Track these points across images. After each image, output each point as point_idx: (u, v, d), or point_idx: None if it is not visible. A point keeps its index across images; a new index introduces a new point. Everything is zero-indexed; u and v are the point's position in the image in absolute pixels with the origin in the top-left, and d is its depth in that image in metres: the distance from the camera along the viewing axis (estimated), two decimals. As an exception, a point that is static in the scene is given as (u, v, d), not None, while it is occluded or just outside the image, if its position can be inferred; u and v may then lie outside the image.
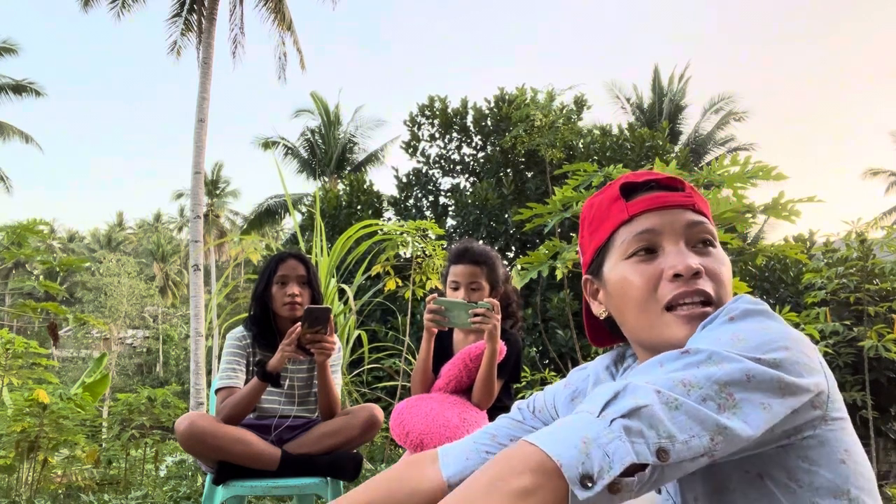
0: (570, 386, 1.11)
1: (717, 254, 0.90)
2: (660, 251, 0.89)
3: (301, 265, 2.35)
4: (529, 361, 7.83)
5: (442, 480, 1.12)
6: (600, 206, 0.97)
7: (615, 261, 0.93)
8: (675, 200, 0.91)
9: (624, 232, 0.92)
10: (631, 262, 0.90)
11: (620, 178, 0.97)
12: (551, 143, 7.90)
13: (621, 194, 0.94)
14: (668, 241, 0.89)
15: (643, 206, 0.91)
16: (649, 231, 0.89)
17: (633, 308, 0.90)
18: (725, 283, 0.88)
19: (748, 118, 21.53)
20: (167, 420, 4.92)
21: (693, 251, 0.89)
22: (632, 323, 0.92)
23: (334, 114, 22.98)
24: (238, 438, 2.10)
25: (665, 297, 0.87)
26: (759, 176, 3.05)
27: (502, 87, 10.19)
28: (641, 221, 0.90)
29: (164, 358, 29.27)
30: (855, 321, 6.42)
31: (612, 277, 0.93)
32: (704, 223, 0.90)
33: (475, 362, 2.10)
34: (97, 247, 40.75)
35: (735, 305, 0.81)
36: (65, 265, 4.63)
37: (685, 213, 0.90)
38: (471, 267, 2.17)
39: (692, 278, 0.86)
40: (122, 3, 12.53)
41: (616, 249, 0.92)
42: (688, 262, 0.86)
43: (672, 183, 0.94)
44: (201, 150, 10.25)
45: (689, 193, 0.92)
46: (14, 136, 22.96)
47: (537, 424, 1.13)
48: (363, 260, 6.07)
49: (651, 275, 0.88)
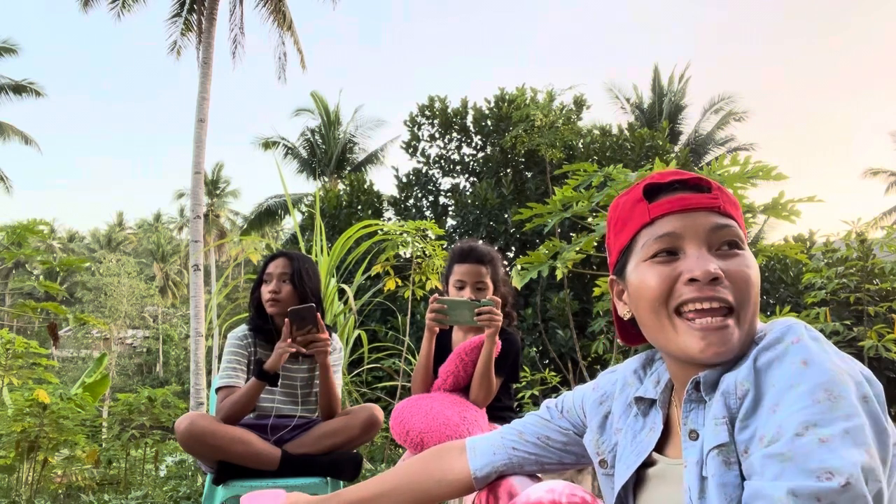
0: (599, 389, 1.11)
1: (743, 256, 0.87)
2: (681, 254, 0.88)
3: (285, 262, 2.36)
4: (529, 361, 7.82)
5: (468, 472, 1.15)
6: (624, 206, 0.96)
7: (636, 262, 0.92)
8: (699, 202, 0.88)
9: (646, 234, 0.91)
10: (650, 264, 0.89)
11: (647, 177, 0.96)
12: (551, 143, 7.90)
13: (644, 195, 0.93)
14: (689, 244, 0.87)
15: (665, 208, 0.90)
16: (670, 234, 0.88)
17: (648, 308, 0.90)
18: (751, 287, 0.85)
19: (748, 118, 21.54)
20: (167, 420, 4.92)
21: (716, 255, 0.86)
22: (647, 324, 0.92)
23: (334, 114, 22.96)
24: (238, 438, 2.10)
25: (677, 299, 0.86)
26: (759, 176, 3.05)
27: (502, 87, 10.19)
28: (663, 224, 0.89)
29: (164, 358, 29.27)
30: (855, 321, 6.42)
31: (632, 279, 0.93)
32: (730, 226, 0.88)
33: (471, 356, 2.11)
34: (97, 247, 40.75)
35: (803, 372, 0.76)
36: (65, 265, 4.63)
37: (709, 215, 0.88)
38: (476, 266, 2.18)
39: (710, 284, 0.84)
40: (122, 3, 12.53)
41: (638, 251, 0.92)
42: (706, 267, 0.83)
43: (698, 183, 0.92)
44: (201, 150, 10.25)
45: (716, 195, 0.90)
46: (14, 137, 22.95)
47: (564, 424, 1.14)
48: (363, 260, 6.07)
49: (668, 276, 0.87)
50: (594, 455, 1.08)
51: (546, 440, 1.14)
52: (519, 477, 1.13)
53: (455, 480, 1.16)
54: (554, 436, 1.14)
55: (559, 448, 1.14)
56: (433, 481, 1.16)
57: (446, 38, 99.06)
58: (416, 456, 1.22)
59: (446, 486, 1.16)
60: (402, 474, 1.17)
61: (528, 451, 1.14)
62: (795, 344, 0.78)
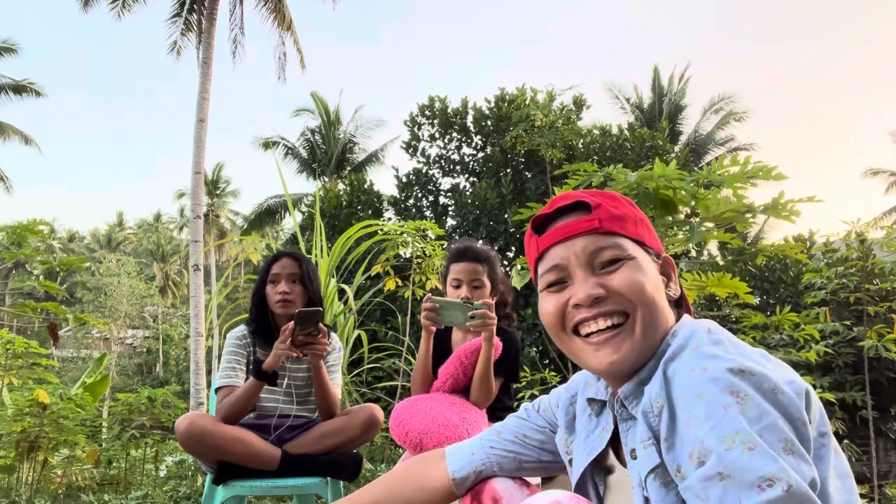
0: (570, 390, 1.14)
1: (626, 267, 0.91)
2: (569, 281, 0.94)
3: (293, 263, 2.36)
4: (529, 361, 7.82)
5: (448, 477, 1.15)
6: (527, 241, 1.04)
7: (540, 291, 0.99)
8: (577, 228, 0.94)
9: (541, 266, 0.98)
10: (546, 294, 0.97)
11: (540, 209, 1.02)
12: (551, 143, 7.90)
13: (533, 230, 1.00)
14: (575, 270, 0.94)
15: (548, 241, 0.96)
16: (556, 266, 0.95)
17: (552, 332, 0.97)
18: (640, 293, 0.89)
19: (748, 118, 21.53)
20: (167, 420, 4.92)
21: (599, 274, 0.92)
22: (558, 345, 0.98)
23: (334, 114, 22.95)
24: (238, 438, 2.10)
25: (570, 322, 0.93)
26: (759, 176, 3.05)
27: (502, 88, 10.20)
28: (549, 257, 0.96)
29: (164, 358, 29.27)
30: (855, 321, 6.43)
31: (539, 306, 1.00)
32: (607, 246, 0.92)
33: (470, 359, 2.11)
34: (97, 247, 40.75)
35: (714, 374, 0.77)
36: (65, 265, 4.63)
37: (588, 238, 0.93)
38: (473, 265, 2.18)
39: (593, 305, 0.90)
40: (122, 3, 12.54)
41: (539, 281, 0.99)
42: (587, 292, 0.90)
43: (579, 206, 0.97)
44: (201, 149, 10.25)
45: (594, 216, 0.94)
46: (14, 137, 22.95)
47: (540, 422, 1.16)
48: (363, 260, 6.06)
49: (559, 303, 0.94)
50: (564, 454, 1.10)
51: (523, 438, 1.16)
52: (502, 480, 1.14)
53: (435, 486, 1.16)
54: (531, 434, 1.16)
55: (536, 446, 1.15)
56: (415, 489, 1.16)
57: (446, 38, 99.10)
58: (399, 466, 1.21)
59: (428, 494, 1.16)
60: (385, 485, 1.18)
61: (506, 448, 1.15)
62: (695, 351, 0.82)
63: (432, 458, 1.20)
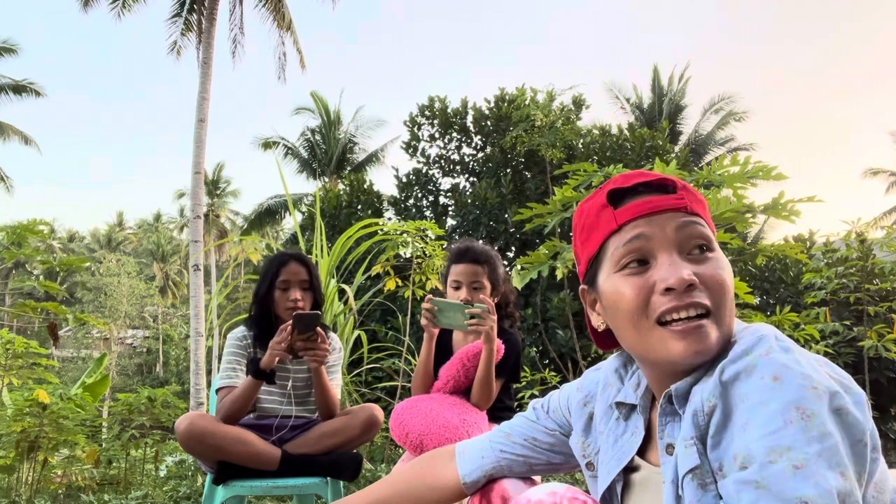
0: (583, 390, 1.10)
1: (715, 258, 0.85)
2: (652, 262, 0.85)
3: (303, 269, 2.34)
4: (529, 361, 7.82)
5: (458, 478, 1.14)
6: (589, 213, 0.93)
7: (608, 272, 0.89)
8: (665, 204, 0.86)
9: (614, 242, 0.88)
10: (623, 275, 0.87)
11: (610, 181, 0.92)
12: (551, 143, 7.90)
13: (609, 201, 0.90)
14: (659, 249, 0.85)
15: (631, 213, 0.87)
16: (639, 241, 0.85)
17: (626, 322, 0.87)
18: (726, 290, 0.84)
19: (748, 118, 21.54)
20: (167, 420, 4.91)
21: (688, 259, 0.84)
22: (626, 337, 0.89)
23: (334, 114, 22.96)
24: (238, 438, 2.10)
25: (656, 310, 0.83)
26: (759, 176, 3.06)
27: (502, 88, 10.20)
28: (630, 230, 0.86)
29: (164, 358, 29.27)
30: (855, 321, 6.43)
31: (605, 290, 0.90)
32: (699, 227, 0.85)
33: (472, 361, 2.10)
34: (97, 247, 40.76)
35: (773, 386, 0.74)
36: (65, 265, 4.62)
37: (677, 217, 0.85)
38: (472, 266, 2.17)
39: (685, 291, 0.82)
40: (122, 3, 12.54)
41: (608, 260, 0.89)
42: (680, 275, 0.81)
43: (664, 184, 0.88)
44: (201, 149, 10.25)
45: (681, 195, 0.87)
46: (14, 137, 22.95)
47: (550, 425, 1.13)
48: (363, 260, 6.06)
49: (642, 287, 0.85)
50: (581, 457, 1.07)
51: (533, 441, 1.13)
52: (511, 480, 1.13)
53: (445, 486, 1.15)
54: (541, 437, 1.13)
55: (546, 448, 1.13)
56: (426, 488, 1.16)
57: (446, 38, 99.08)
58: (409, 463, 1.22)
59: (438, 493, 1.15)
60: (394, 483, 1.17)
61: (516, 452, 1.13)
62: (765, 357, 0.76)
63: (442, 456, 1.19)
